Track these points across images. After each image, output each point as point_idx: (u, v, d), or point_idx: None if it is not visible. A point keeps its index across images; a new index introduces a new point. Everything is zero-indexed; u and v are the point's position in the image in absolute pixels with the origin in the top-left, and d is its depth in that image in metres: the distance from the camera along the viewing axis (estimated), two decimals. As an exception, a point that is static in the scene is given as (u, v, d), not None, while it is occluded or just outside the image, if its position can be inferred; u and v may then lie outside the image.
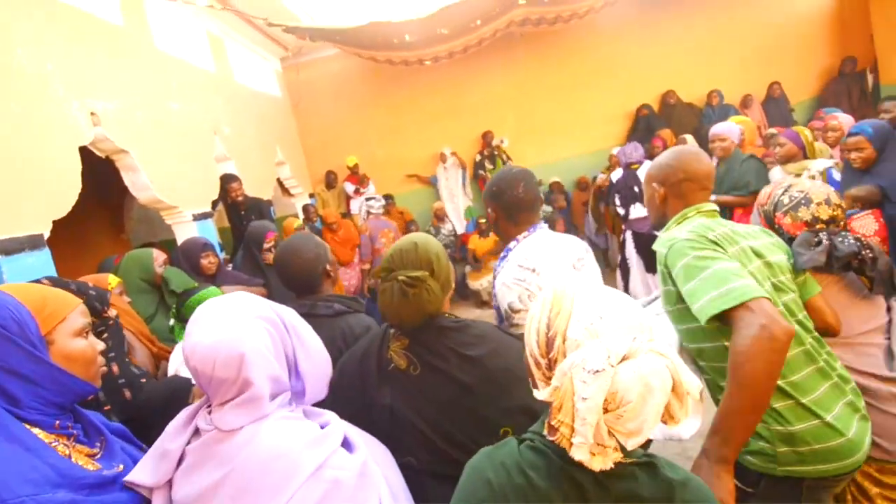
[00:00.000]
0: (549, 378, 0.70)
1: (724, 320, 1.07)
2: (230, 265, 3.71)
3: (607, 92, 6.91)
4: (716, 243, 1.20)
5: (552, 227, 6.03)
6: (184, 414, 0.92)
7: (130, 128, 3.09)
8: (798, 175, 2.88)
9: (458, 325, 1.15)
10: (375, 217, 5.27)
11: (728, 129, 3.32)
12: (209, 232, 3.74)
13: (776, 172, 3.09)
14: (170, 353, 1.99)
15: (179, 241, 3.29)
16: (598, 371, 0.62)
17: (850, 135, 2.51)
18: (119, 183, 3.19)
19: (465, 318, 1.20)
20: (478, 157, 6.90)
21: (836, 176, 2.74)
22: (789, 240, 1.45)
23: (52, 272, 2.27)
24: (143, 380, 1.74)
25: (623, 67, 6.87)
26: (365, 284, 5.12)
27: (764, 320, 1.00)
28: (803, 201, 1.48)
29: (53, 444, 0.81)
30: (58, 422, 0.85)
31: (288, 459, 0.81)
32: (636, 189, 4.20)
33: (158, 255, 2.44)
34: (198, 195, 3.76)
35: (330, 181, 6.82)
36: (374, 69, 6.79)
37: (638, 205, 4.21)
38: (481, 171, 6.84)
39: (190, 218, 3.59)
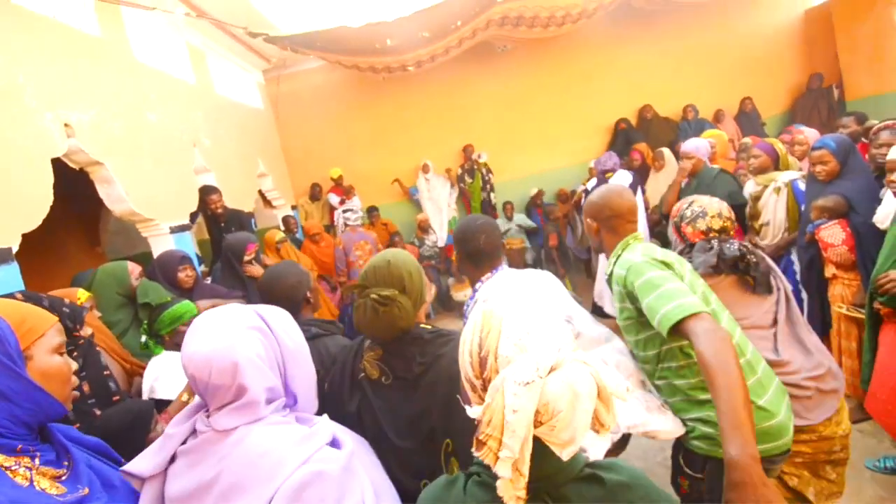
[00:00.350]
0: (484, 399, 0.71)
1: (676, 330, 1.24)
2: (209, 278, 3.66)
3: (587, 106, 7.07)
4: (664, 262, 1.42)
5: (546, 241, 6.03)
6: (187, 410, 0.97)
7: (106, 139, 3.04)
8: (766, 186, 2.97)
9: (432, 335, 1.17)
10: (352, 229, 5.23)
11: (695, 147, 3.37)
12: (186, 244, 3.68)
13: (750, 185, 3.16)
14: (143, 368, 1.95)
15: (156, 255, 3.23)
16: (528, 383, 0.64)
17: (813, 149, 2.61)
18: (96, 195, 3.13)
19: (441, 329, 1.22)
20: (459, 171, 6.97)
21: (802, 186, 2.83)
22: (691, 245, 1.75)
23: (21, 286, 2.20)
24: (116, 398, 1.70)
25: (602, 82, 7.04)
26: (342, 295, 5.06)
27: (711, 324, 1.19)
28: (701, 214, 1.74)
29: (13, 468, 0.79)
30: (20, 445, 0.83)
31: (275, 456, 0.85)
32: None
33: (134, 268, 2.40)
34: (175, 207, 3.70)
35: (315, 193, 6.80)
36: (358, 80, 6.81)
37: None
38: (461, 185, 6.92)
39: (167, 230, 3.53)
